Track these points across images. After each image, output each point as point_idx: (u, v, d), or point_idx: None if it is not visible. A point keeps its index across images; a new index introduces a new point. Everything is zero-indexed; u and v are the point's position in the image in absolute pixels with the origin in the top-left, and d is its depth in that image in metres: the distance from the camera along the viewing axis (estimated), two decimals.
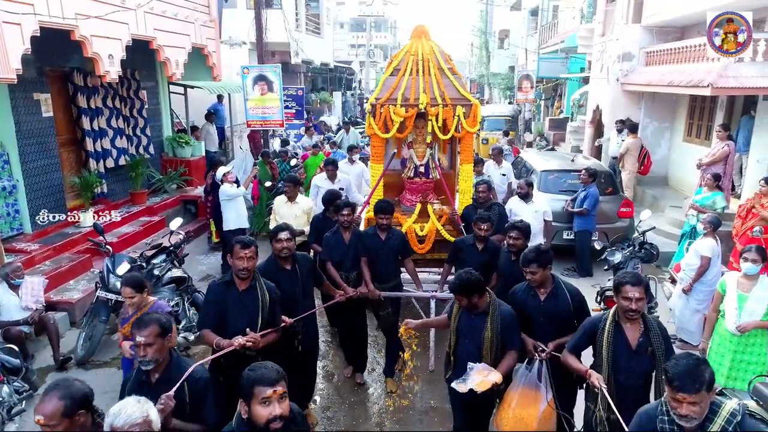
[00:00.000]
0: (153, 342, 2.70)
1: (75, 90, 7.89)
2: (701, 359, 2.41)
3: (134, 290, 3.66)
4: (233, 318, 3.52)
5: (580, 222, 7.38)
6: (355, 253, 4.88)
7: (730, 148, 7.97)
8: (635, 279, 3.10)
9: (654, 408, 2.54)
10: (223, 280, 3.68)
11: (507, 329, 3.46)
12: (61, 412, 2.20)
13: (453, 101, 5.83)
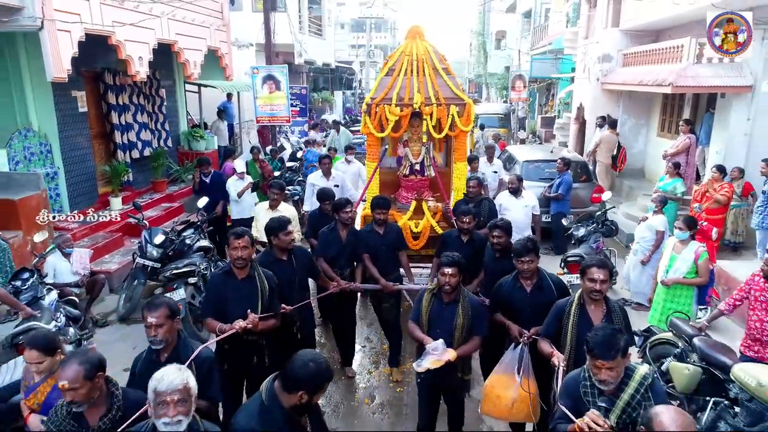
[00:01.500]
0: (163, 323, 2.84)
1: (105, 88, 8.82)
2: (617, 329, 2.70)
3: (42, 353, 2.86)
4: (233, 305, 3.62)
5: (556, 206, 8.29)
6: (352, 250, 4.99)
7: (691, 140, 8.91)
8: (601, 263, 3.28)
9: (578, 374, 2.73)
10: (222, 270, 3.82)
11: (476, 316, 3.61)
12: (82, 375, 2.41)
13: (447, 101, 5.98)
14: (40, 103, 7.51)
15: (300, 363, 2.36)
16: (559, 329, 3.36)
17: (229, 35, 11.21)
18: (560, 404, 2.73)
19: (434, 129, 6.02)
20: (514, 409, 3.54)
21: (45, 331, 3.02)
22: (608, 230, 6.81)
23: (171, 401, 2.25)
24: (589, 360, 2.60)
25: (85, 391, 2.43)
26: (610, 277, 3.48)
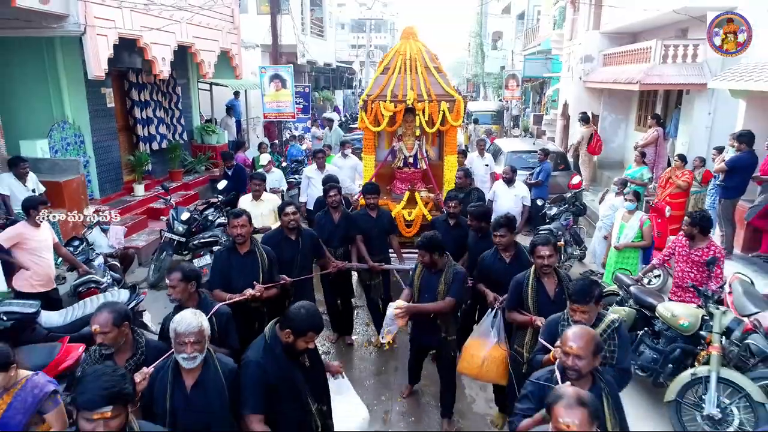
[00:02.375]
0: (176, 285, 3.29)
1: (129, 86, 9.75)
2: (593, 281, 3.17)
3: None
4: (237, 277, 3.99)
5: (536, 191, 9.14)
6: (345, 231, 5.35)
7: (659, 133, 9.83)
8: (545, 239, 3.62)
9: (558, 317, 3.18)
10: (226, 247, 4.29)
11: (454, 282, 3.98)
12: (111, 321, 2.78)
13: (438, 97, 6.30)
14: (74, 99, 8.42)
15: (295, 307, 2.78)
16: (521, 300, 3.73)
17: (239, 37, 12.14)
18: (540, 339, 3.17)
19: (426, 124, 6.35)
20: (484, 368, 3.91)
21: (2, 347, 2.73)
22: (577, 210, 7.75)
23: (188, 341, 2.64)
24: (568, 304, 3.07)
25: (113, 335, 2.79)
26: (557, 251, 4.05)
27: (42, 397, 2.75)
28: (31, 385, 2.76)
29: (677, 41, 9.32)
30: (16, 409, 2.70)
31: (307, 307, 2.80)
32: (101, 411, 2.02)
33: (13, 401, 2.71)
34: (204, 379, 2.73)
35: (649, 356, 4.54)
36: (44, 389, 2.77)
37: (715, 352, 4.03)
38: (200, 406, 2.71)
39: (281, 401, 2.79)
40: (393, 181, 6.81)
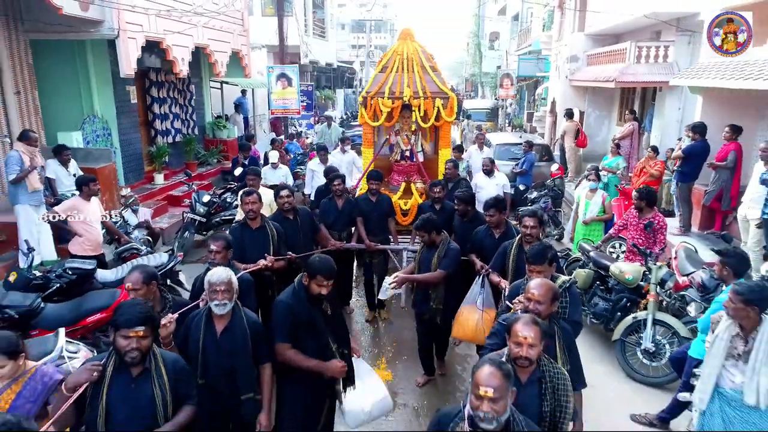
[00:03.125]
0: (220, 251, 3.79)
1: (150, 84, 10.66)
2: (547, 246, 3.53)
3: (5, 357, 2.72)
4: (250, 250, 4.42)
5: (521, 179, 10.08)
6: (348, 216, 5.79)
7: (634, 127, 10.74)
8: (531, 212, 4.17)
9: (520, 282, 3.49)
10: (239, 223, 4.75)
11: (446, 257, 4.38)
12: (141, 280, 3.17)
13: (433, 94, 6.69)
14: (102, 96, 9.33)
15: (314, 256, 3.32)
16: (504, 264, 4.23)
17: (248, 39, 13.05)
18: (505, 301, 3.56)
19: (422, 119, 6.75)
20: (478, 331, 4.20)
21: (8, 335, 2.81)
22: (555, 194, 8.67)
23: (219, 290, 3.05)
24: (527, 267, 3.43)
25: (143, 292, 3.16)
26: (540, 223, 4.51)
27: (51, 385, 2.79)
28: (40, 374, 2.80)
29: (650, 43, 10.23)
30: (26, 398, 2.74)
31: (321, 256, 3.27)
32: (135, 330, 2.50)
33: (23, 390, 2.75)
34: (232, 326, 3.15)
35: (601, 306, 5.45)
36: (53, 377, 2.81)
37: (651, 299, 4.94)
38: (228, 350, 3.11)
39: (305, 338, 3.22)
40: (390, 174, 7.18)
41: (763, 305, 2.94)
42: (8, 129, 7.58)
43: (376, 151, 7.22)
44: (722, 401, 3.14)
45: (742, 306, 2.94)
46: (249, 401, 3.17)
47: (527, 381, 2.52)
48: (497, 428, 2.04)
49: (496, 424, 2.03)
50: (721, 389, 3.13)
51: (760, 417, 3.03)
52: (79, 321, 4.58)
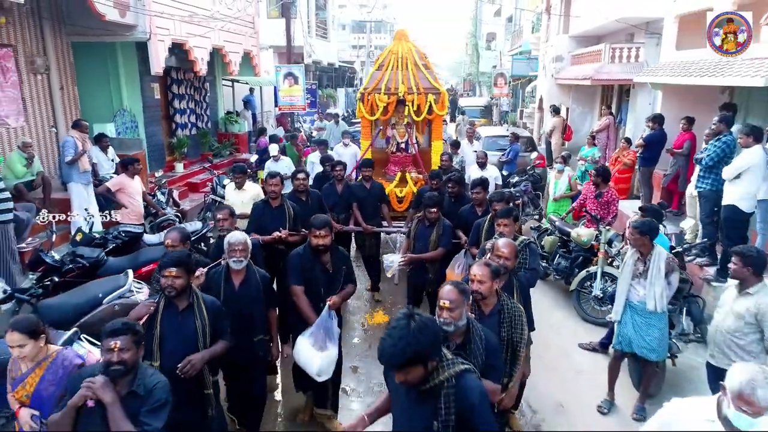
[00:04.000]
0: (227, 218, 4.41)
1: (171, 81, 11.76)
2: (513, 207, 4.47)
3: (25, 336, 2.79)
4: (269, 224, 5.02)
5: (507, 167, 11.15)
6: (347, 200, 6.35)
7: (609, 120, 11.81)
8: (500, 196, 4.90)
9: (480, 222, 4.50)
10: (263, 200, 5.37)
11: (444, 234, 5.02)
12: (179, 239, 3.92)
13: (425, 90, 7.19)
14: (130, 92, 10.42)
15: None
16: (478, 236, 4.80)
17: (258, 40, 14.15)
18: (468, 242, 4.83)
19: (415, 113, 7.28)
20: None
21: (29, 317, 2.96)
22: (534, 179, 9.77)
23: (237, 249, 3.66)
24: (496, 222, 4.14)
25: (180, 248, 3.85)
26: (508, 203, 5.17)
27: (72, 369, 2.87)
28: (61, 358, 2.90)
29: (622, 44, 11.32)
30: (49, 381, 2.83)
31: (321, 215, 4.04)
32: (169, 270, 3.07)
33: (45, 374, 2.84)
34: (248, 278, 3.77)
35: (563, 264, 6.56)
36: (73, 362, 2.91)
37: (601, 256, 6.03)
38: (245, 298, 3.71)
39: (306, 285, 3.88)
40: (387, 165, 7.72)
41: (653, 234, 4.05)
42: (54, 120, 8.68)
43: (372, 142, 7.78)
44: (632, 311, 4.23)
45: (639, 236, 4.04)
46: (261, 341, 3.85)
47: (489, 313, 3.03)
48: (455, 331, 2.57)
49: (453, 327, 2.55)
50: (631, 302, 4.23)
51: (658, 319, 4.13)
52: (135, 270, 5.67)
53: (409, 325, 2.13)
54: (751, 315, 3.49)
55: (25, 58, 8.03)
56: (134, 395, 2.51)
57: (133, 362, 2.52)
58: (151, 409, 2.51)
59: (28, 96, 8.13)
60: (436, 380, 2.19)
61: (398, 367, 2.14)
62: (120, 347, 2.44)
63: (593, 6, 12.28)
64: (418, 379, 2.18)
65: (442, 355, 2.26)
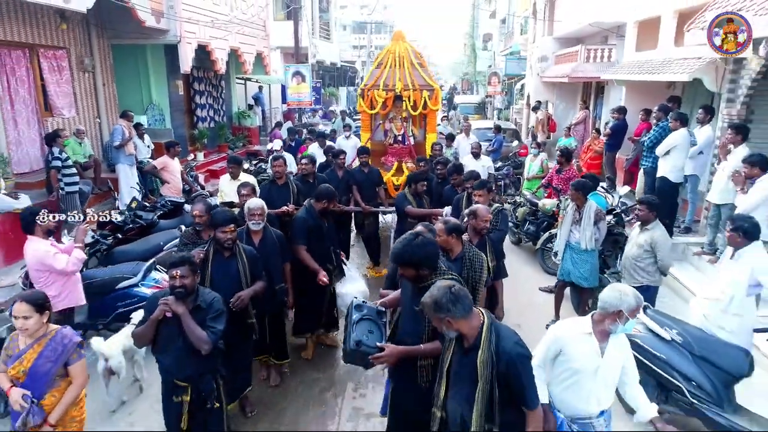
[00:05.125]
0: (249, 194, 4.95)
1: (192, 79, 13.11)
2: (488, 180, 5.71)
3: (32, 308, 2.90)
4: (275, 200, 5.45)
5: (492, 155, 12.48)
6: (347, 183, 6.87)
7: (585, 114, 13.17)
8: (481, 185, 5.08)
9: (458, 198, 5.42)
10: (269, 180, 5.99)
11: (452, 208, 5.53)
12: (204, 210, 4.45)
13: (421, 87, 7.73)
14: (158, 88, 11.77)
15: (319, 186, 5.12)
16: (458, 210, 5.27)
17: (269, 42, 15.52)
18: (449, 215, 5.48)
19: (411, 108, 7.84)
20: None
21: (39, 292, 3.12)
22: (515, 164, 11.11)
23: (256, 213, 4.30)
24: (473, 193, 4.93)
25: (206, 218, 4.39)
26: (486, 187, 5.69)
27: (71, 347, 2.98)
28: (60, 336, 2.98)
29: (596, 46, 12.66)
30: (47, 358, 2.92)
31: (325, 186, 4.96)
32: (229, 227, 3.82)
33: (44, 350, 2.93)
34: (265, 237, 4.42)
35: (532, 229, 7.90)
36: (72, 339, 3.01)
37: (560, 220, 7.36)
38: (264, 255, 4.24)
39: (313, 241, 4.78)
40: (386, 155, 8.18)
41: (585, 191, 5.40)
42: (98, 112, 10.03)
43: (372, 134, 8.41)
44: (571, 250, 5.59)
45: (574, 192, 5.40)
46: (282, 289, 4.55)
47: (454, 258, 3.61)
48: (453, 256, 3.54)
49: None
50: (569, 243, 5.58)
51: (590, 255, 5.48)
52: None
53: (414, 239, 2.92)
54: (648, 244, 4.83)
55: (76, 58, 9.39)
56: (199, 308, 3.24)
57: (192, 286, 3.21)
58: (213, 317, 3.25)
59: (77, 91, 9.49)
60: (429, 282, 2.90)
61: (400, 264, 2.98)
62: (180, 275, 3.14)
63: (573, 11, 13.64)
64: (411, 276, 2.98)
65: (439, 266, 2.98)
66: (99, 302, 4.95)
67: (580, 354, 2.94)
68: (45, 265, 4.15)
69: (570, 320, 3.15)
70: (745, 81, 6.57)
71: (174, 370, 3.27)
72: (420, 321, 3.02)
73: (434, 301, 2.52)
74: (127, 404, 4.45)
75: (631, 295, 2.87)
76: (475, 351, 2.53)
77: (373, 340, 3.15)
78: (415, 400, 3.14)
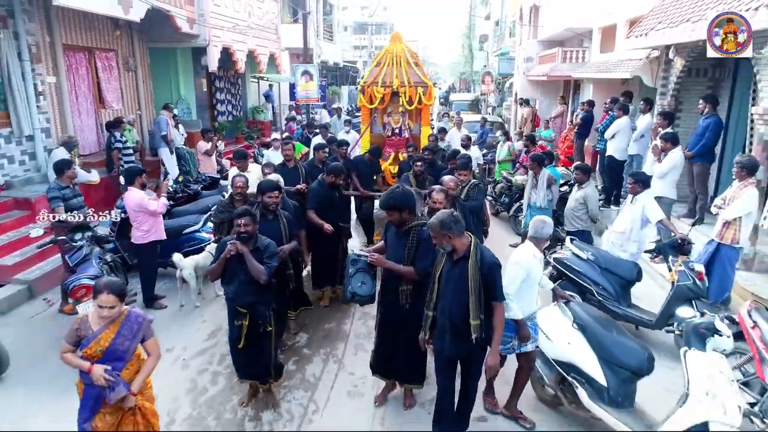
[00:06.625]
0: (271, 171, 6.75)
1: (214, 77, 14.77)
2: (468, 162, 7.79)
3: (117, 299, 3.09)
4: (287, 180, 6.14)
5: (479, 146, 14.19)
6: (347, 171, 7.07)
7: (563, 109, 14.82)
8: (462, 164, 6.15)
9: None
10: (280, 164, 6.82)
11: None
12: (244, 183, 5.31)
13: (416, 84, 8.53)
14: (186, 85, 13.43)
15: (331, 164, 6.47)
16: None
17: (280, 44, 17.18)
18: None
19: (407, 103, 8.65)
20: None
21: (119, 281, 3.29)
22: None
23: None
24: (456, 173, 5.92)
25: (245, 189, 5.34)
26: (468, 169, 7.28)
27: (145, 325, 3.23)
28: (134, 315, 3.21)
29: (572, 48, 14.32)
30: (125, 336, 3.14)
31: (334, 164, 6.25)
32: (275, 193, 4.67)
33: (121, 329, 3.15)
34: (284, 208, 5.08)
35: (506, 201, 9.56)
36: (146, 317, 3.26)
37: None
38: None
39: (326, 210, 5.65)
40: (384, 147, 8.95)
41: (539, 162, 7.06)
42: (139, 106, 11.69)
43: (371, 127, 9.30)
44: (531, 209, 7.26)
45: (532, 162, 7.08)
46: (298, 251, 5.13)
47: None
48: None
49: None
50: (530, 203, 7.25)
51: (545, 212, 7.12)
52: None
53: (396, 190, 3.95)
54: (582, 198, 6.47)
55: (122, 59, 11.05)
56: (257, 250, 4.02)
57: (253, 232, 4.00)
58: (269, 256, 4.05)
59: (123, 87, 11.14)
60: (408, 225, 3.94)
61: (386, 209, 3.92)
62: (245, 223, 3.93)
63: (553, 17, 15.28)
64: (396, 220, 3.92)
65: (417, 215, 4.00)
66: (170, 243, 6.59)
67: (536, 271, 3.94)
68: (141, 207, 5.79)
69: (521, 249, 4.03)
70: (673, 78, 8.22)
71: (237, 297, 4.03)
72: (401, 257, 3.98)
73: (440, 221, 3.41)
74: (199, 310, 6.15)
75: (551, 226, 4.05)
76: (465, 261, 3.42)
77: (364, 290, 4.30)
78: (398, 317, 4.06)
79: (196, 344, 5.39)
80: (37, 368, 4.89)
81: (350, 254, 4.42)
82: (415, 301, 4.00)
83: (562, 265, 5.64)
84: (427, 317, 3.67)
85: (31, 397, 4.49)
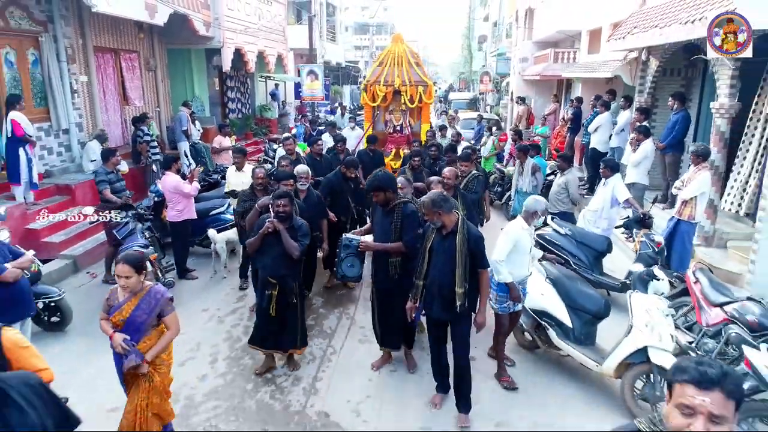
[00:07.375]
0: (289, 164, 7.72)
1: (225, 77, 15.63)
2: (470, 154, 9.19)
3: (133, 269, 3.30)
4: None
5: (475, 142, 15.06)
6: None
7: (555, 106, 15.67)
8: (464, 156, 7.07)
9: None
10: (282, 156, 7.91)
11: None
12: (264, 174, 5.91)
13: (416, 83, 9.08)
14: (199, 84, 14.29)
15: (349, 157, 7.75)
16: None
17: (287, 45, 18.04)
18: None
19: (408, 101, 9.24)
20: None
21: (137, 254, 3.47)
22: None
23: (302, 176, 5.75)
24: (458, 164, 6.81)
25: (265, 180, 5.83)
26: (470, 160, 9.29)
27: (163, 301, 3.42)
28: (154, 291, 3.41)
29: (564, 49, 15.17)
30: (143, 309, 3.36)
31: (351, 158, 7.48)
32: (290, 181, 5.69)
33: (141, 303, 3.38)
34: (308, 196, 5.83)
35: (499, 190, 10.42)
36: (165, 294, 3.45)
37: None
38: (308, 208, 5.57)
39: (338, 199, 6.39)
40: (386, 143, 9.51)
41: (525, 152, 7.91)
42: (158, 103, 12.55)
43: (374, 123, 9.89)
44: (518, 195, 8.11)
45: (519, 152, 7.93)
46: (317, 236, 5.75)
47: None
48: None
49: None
50: (517, 189, 8.10)
51: None
52: None
53: (378, 173, 4.58)
54: (564, 183, 7.32)
55: (143, 60, 11.90)
56: (292, 228, 4.47)
57: (290, 212, 4.44)
58: (302, 234, 4.51)
59: (144, 86, 11.99)
60: (393, 204, 4.40)
61: (371, 191, 4.40)
62: (283, 204, 4.38)
63: (546, 20, 16.14)
64: (381, 200, 4.38)
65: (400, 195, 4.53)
66: (200, 223, 7.44)
67: (524, 242, 4.47)
68: (177, 189, 6.65)
69: (512, 222, 4.68)
70: (649, 77, 9.08)
71: (270, 268, 4.49)
72: (388, 235, 4.44)
73: (431, 199, 3.90)
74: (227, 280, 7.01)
75: (542, 203, 4.64)
76: (454, 235, 3.85)
77: (353, 272, 4.88)
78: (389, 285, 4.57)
79: (228, 305, 6.25)
80: (93, 326, 5.66)
81: (342, 239, 4.86)
82: (403, 271, 4.45)
83: (544, 240, 6.50)
84: (417, 286, 4.06)
85: (86, 347, 5.24)
